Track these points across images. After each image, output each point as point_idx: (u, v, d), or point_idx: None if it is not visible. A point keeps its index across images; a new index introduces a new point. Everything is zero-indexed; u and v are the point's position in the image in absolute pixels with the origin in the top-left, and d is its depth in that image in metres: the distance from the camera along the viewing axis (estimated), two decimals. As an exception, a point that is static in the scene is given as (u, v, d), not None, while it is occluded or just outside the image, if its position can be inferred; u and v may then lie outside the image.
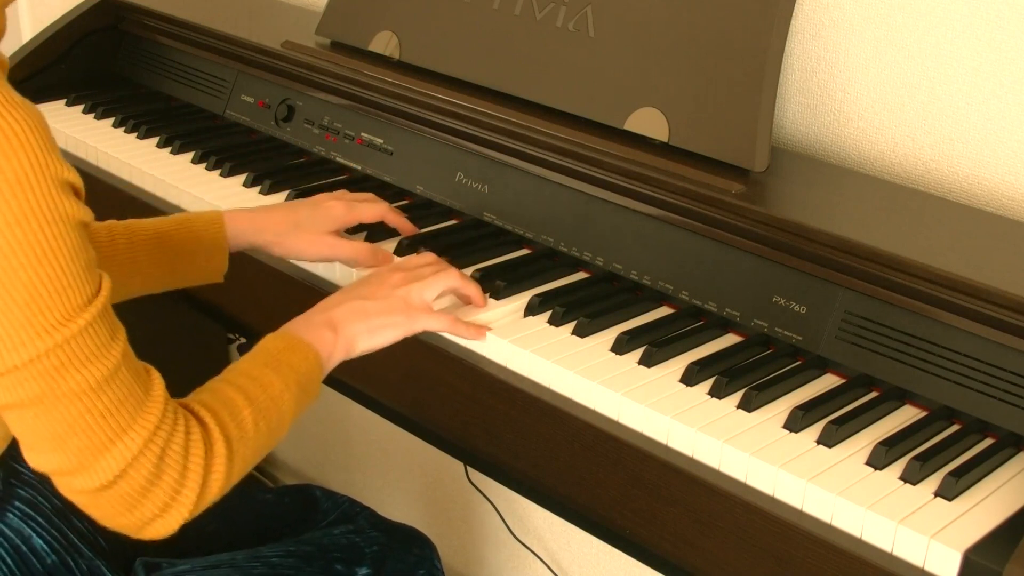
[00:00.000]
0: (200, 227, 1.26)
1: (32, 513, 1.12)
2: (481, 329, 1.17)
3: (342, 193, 1.35)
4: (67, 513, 1.14)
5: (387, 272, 1.18)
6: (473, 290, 1.20)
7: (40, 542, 1.11)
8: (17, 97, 0.83)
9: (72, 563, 1.12)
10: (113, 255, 1.22)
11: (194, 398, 0.97)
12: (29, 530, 1.11)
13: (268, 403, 0.99)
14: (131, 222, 1.26)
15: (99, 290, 0.88)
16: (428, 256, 1.23)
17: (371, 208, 1.34)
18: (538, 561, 1.99)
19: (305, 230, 1.28)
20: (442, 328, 1.16)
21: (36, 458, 0.89)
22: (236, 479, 0.97)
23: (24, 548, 1.10)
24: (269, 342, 1.05)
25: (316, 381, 1.06)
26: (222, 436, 0.94)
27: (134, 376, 0.90)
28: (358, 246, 1.29)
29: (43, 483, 1.15)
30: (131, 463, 0.88)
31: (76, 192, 0.87)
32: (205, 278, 1.28)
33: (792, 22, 1.30)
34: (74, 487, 0.89)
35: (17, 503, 1.12)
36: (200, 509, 0.94)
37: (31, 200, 0.82)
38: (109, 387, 0.87)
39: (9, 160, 0.81)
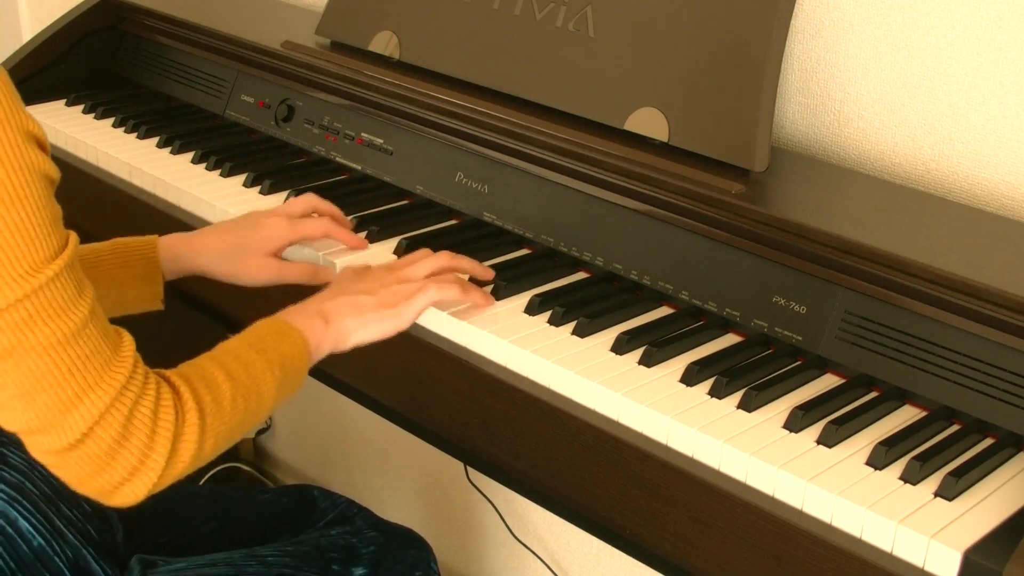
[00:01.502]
0: (132, 252, 1.24)
1: (18, 497, 1.12)
2: (487, 296, 1.18)
3: (290, 204, 1.31)
4: (55, 500, 1.14)
5: (384, 268, 1.18)
6: (478, 296, 1.20)
7: (26, 524, 1.11)
8: None
9: (58, 548, 1.13)
10: None
11: (173, 369, 0.97)
12: (15, 512, 1.11)
13: (248, 382, 0.99)
14: None
15: (66, 244, 0.88)
16: (424, 252, 1.22)
17: (315, 225, 1.29)
18: (538, 561, 1.99)
19: (249, 253, 1.25)
20: (445, 298, 1.16)
21: (6, 416, 0.89)
22: (210, 453, 0.96)
23: (10, 530, 1.11)
24: (259, 326, 1.06)
25: (302, 368, 1.06)
26: (195, 406, 0.94)
27: (102, 334, 0.89)
28: (303, 268, 1.27)
29: (31, 470, 1.15)
30: (98, 421, 0.88)
31: (41, 147, 0.87)
32: (142, 305, 1.26)
33: (792, 22, 1.30)
34: (42, 447, 0.89)
35: (3, 486, 1.12)
36: (170, 478, 0.93)
37: None
38: (76, 342, 0.87)
39: None
